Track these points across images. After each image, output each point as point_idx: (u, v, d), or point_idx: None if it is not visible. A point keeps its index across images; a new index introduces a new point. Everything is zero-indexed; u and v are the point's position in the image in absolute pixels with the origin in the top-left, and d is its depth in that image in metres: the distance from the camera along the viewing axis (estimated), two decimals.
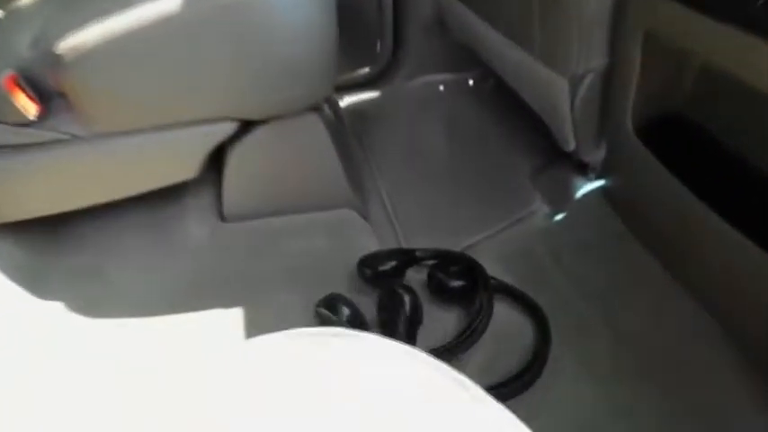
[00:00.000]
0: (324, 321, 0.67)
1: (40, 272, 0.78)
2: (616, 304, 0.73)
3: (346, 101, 1.33)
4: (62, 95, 0.67)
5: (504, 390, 0.63)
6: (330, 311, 0.66)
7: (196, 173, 0.79)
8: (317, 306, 0.68)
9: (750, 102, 0.61)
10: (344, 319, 0.66)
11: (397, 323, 0.65)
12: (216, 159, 0.85)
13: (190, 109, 0.73)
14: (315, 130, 0.82)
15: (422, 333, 0.68)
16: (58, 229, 0.82)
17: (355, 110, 1.31)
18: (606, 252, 0.82)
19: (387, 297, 0.68)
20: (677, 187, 0.69)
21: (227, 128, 0.76)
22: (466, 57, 1.31)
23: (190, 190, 0.88)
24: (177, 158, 0.78)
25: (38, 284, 0.76)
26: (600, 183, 0.93)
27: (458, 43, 1.25)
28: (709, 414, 0.59)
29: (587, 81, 0.80)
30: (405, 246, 0.89)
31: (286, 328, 0.73)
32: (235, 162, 0.82)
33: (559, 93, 0.83)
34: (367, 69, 1.37)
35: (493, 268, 0.79)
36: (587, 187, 0.94)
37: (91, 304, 0.76)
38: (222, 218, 0.87)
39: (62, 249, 0.82)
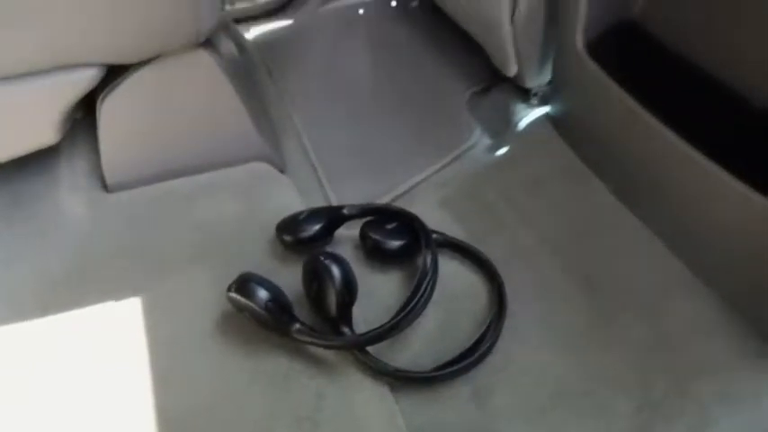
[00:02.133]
0: (238, 308, 0.55)
1: None
2: (580, 251, 0.65)
3: (253, 32, 1.15)
4: None
5: (458, 365, 0.54)
6: (244, 295, 0.54)
7: (56, 137, 0.62)
8: (229, 290, 0.55)
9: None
10: (262, 303, 0.54)
11: (327, 302, 0.54)
12: (91, 116, 0.68)
13: (35, 53, 0.54)
14: (206, 70, 0.66)
15: (359, 307, 0.57)
16: None
17: (265, 42, 1.13)
18: (560, 189, 0.73)
19: (311, 269, 0.57)
20: (638, 111, 0.60)
21: (90, 75, 0.58)
22: None
23: (61, 159, 0.71)
24: (27, 120, 0.60)
25: None
26: (545, 109, 0.84)
27: None
28: (688, 372, 0.53)
29: None
30: (332, 199, 0.77)
31: (194, 315, 0.61)
32: (109, 118, 0.65)
33: (497, 7, 0.71)
34: None
35: (433, 216, 0.68)
36: (532, 114, 0.84)
37: None
38: (105, 188, 0.70)
39: None
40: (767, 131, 0.54)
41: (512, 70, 0.79)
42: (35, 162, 0.70)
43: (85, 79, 0.59)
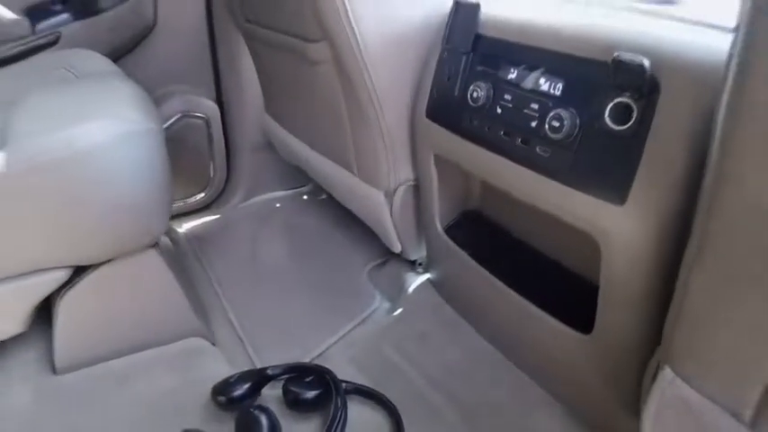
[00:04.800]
0: None
1: None
2: (460, 388, 0.82)
3: (184, 227, 1.35)
4: None
5: None
6: None
7: (22, 328, 0.74)
8: None
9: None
10: None
11: None
12: (42, 307, 0.80)
13: (16, 261, 0.70)
14: (154, 266, 0.83)
15: None
16: None
17: (194, 234, 1.32)
18: (443, 338, 0.92)
19: (243, 421, 0.69)
20: (484, 274, 0.83)
21: (59, 275, 0.74)
22: (297, 174, 1.42)
23: (8, 345, 0.81)
24: (2, 314, 0.73)
25: None
26: (427, 275, 1.06)
27: (288, 163, 1.36)
28: None
29: (400, 193, 0.93)
30: (258, 364, 0.90)
31: None
32: (67, 310, 0.78)
33: (378, 204, 0.96)
34: (202, 194, 1.41)
35: (345, 371, 0.84)
36: (418, 281, 1.06)
37: None
38: (54, 370, 0.81)
39: None
40: (571, 283, 0.77)
41: (397, 248, 1.02)
42: None
43: (55, 279, 0.74)
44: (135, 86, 0.93)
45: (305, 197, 1.46)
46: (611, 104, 0.52)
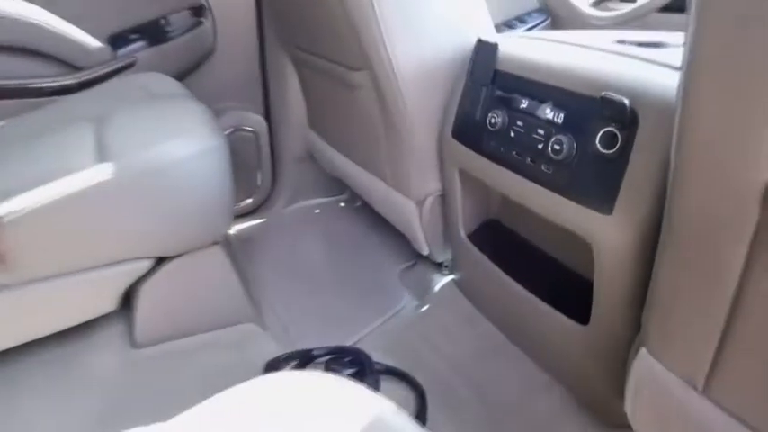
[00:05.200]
0: None
1: None
2: (477, 373, 0.94)
3: (234, 229, 1.50)
4: None
5: None
6: None
7: (114, 307, 0.90)
8: None
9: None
10: None
11: None
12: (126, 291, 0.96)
13: (112, 252, 0.86)
14: (218, 261, 0.98)
15: None
16: None
17: (243, 235, 1.48)
18: (463, 331, 1.04)
19: None
20: (501, 275, 0.95)
21: (144, 264, 0.89)
22: (335, 183, 1.56)
23: (98, 321, 0.97)
24: (97, 296, 0.89)
25: None
26: (452, 276, 1.18)
27: (327, 173, 1.51)
28: None
29: (428, 202, 1.06)
30: (301, 347, 1.04)
31: None
32: (146, 294, 0.93)
33: (409, 212, 1.09)
34: (250, 200, 1.56)
35: (376, 356, 0.97)
36: (443, 281, 1.18)
37: None
38: (134, 345, 0.96)
39: None
40: (572, 281, 0.88)
41: (425, 251, 1.14)
42: (77, 326, 0.95)
43: (140, 268, 0.89)
44: (201, 106, 1.09)
45: (342, 204, 1.60)
46: (600, 132, 0.64)
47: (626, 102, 0.60)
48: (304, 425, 0.46)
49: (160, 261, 0.93)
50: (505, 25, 1.91)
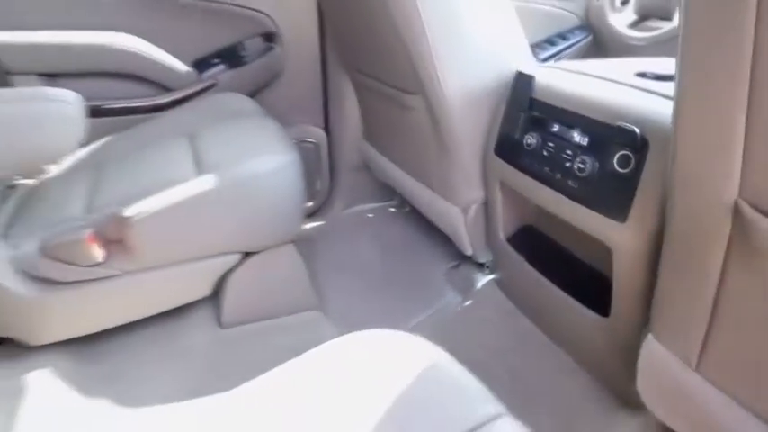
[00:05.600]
0: None
1: (77, 376, 1.01)
2: (512, 359, 1.08)
3: None
4: (119, 243, 0.96)
5: None
6: None
7: (208, 293, 1.09)
8: None
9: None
10: None
11: None
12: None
13: (209, 247, 1.04)
14: (291, 257, 1.16)
15: None
16: (91, 342, 1.06)
17: (304, 235, 1.65)
18: (501, 323, 1.18)
19: None
20: (536, 274, 1.08)
21: (233, 258, 1.08)
22: (387, 190, 1.72)
23: (194, 304, 1.16)
24: (196, 283, 1.07)
25: (75, 387, 0.98)
26: (492, 276, 1.32)
27: (379, 181, 1.67)
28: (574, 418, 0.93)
29: (472, 209, 1.20)
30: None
31: None
32: (233, 283, 1.12)
33: (455, 217, 1.23)
34: (310, 204, 1.74)
35: None
36: (484, 279, 1.32)
37: (115, 404, 0.99)
38: (221, 325, 1.14)
39: (94, 358, 1.05)
40: (596, 279, 1.00)
41: (468, 252, 1.29)
42: (174, 309, 1.14)
43: (231, 260, 1.08)
44: (275, 123, 1.27)
45: (392, 209, 1.76)
46: (617, 155, 0.78)
47: (637, 131, 0.73)
48: (380, 371, 0.61)
49: (246, 256, 1.11)
50: (547, 42, 2.03)
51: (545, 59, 1.99)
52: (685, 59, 0.55)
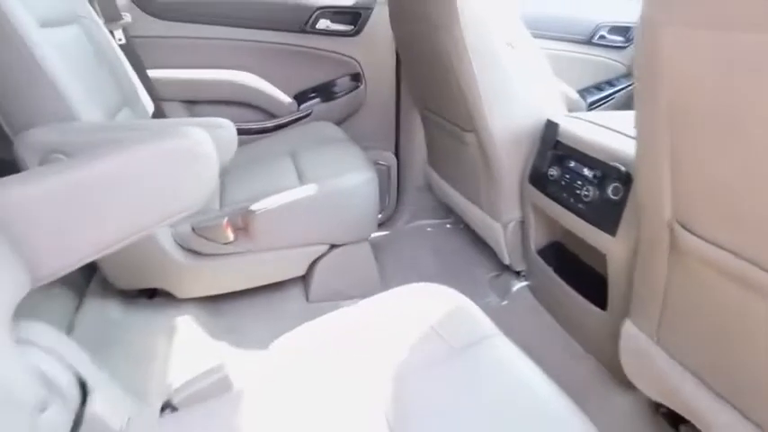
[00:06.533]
0: None
1: (206, 325, 1.37)
2: (535, 346, 1.34)
3: None
4: (244, 229, 1.33)
5: None
6: None
7: (302, 273, 1.44)
8: None
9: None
10: None
11: None
12: None
13: (306, 238, 1.40)
14: (366, 252, 1.50)
15: None
16: (217, 301, 1.43)
17: (374, 241, 1.98)
18: (530, 320, 1.46)
19: None
20: (559, 282, 1.35)
21: (323, 248, 1.43)
22: (444, 209, 2.03)
23: (290, 281, 1.51)
24: (294, 264, 1.43)
25: (205, 332, 1.35)
26: (526, 282, 1.60)
27: (438, 200, 1.98)
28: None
29: (511, 226, 1.49)
30: None
31: None
32: (321, 268, 1.46)
33: (497, 232, 1.53)
34: (379, 216, 2.08)
35: None
36: (519, 284, 1.60)
37: (231, 347, 1.34)
38: (308, 300, 1.49)
39: (218, 313, 1.42)
40: (600, 281, 1.26)
41: (506, 260, 1.57)
42: (275, 285, 1.49)
43: (320, 249, 1.42)
44: (357, 147, 1.63)
45: (448, 225, 2.07)
46: (611, 186, 1.06)
47: (623, 168, 1.02)
48: (422, 320, 0.92)
49: (331, 248, 1.45)
50: (596, 88, 2.30)
51: (592, 103, 2.26)
52: (637, 121, 0.83)
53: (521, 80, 1.35)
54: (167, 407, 0.76)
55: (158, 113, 1.67)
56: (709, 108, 0.66)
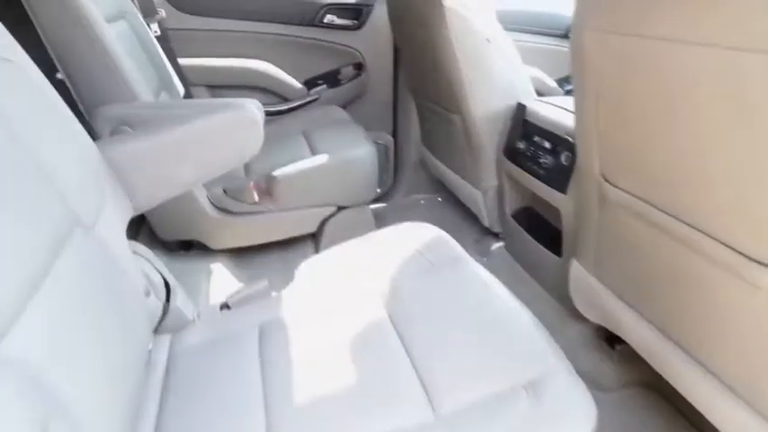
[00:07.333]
0: None
1: (233, 273, 1.65)
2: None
3: None
4: (267, 192, 1.60)
5: None
6: None
7: (314, 230, 1.72)
8: None
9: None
10: None
11: None
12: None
13: (318, 199, 1.68)
14: (367, 214, 1.77)
15: None
16: (243, 253, 1.71)
17: (374, 213, 2.26)
18: (507, 274, 1.74)
19: None
20: (529, 239, 1.63)
21: (332, 209, 1.71)
22: (436, 184, 2.31)
23: (301, 237, 1.79)
24: (307, 222, 1.71)
25: (234, 278, 1.63)
26: (502, 243, 1.88)
27: (431, 175, 2.25)
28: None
29: (490, 192, 1.77)
30: None
31: None
32: (330, 226, 1.74)
33: (478, 198, 1.80)
34: (378, 190, 2.35)
35: None
36: (497, 244, 1.88)
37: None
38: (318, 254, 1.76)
39: (243, 264, 1.70)
40: (558, 233, 1.54)
41: (486, 223, 1.85)
42: (292, 241, 1.77)
43: (330, 210, 1.70)
44: (359, 127, 1.90)
45: (439, 198, 2.35)
46: (563, 154, 1.33)
47: (571, 139, 1.29)
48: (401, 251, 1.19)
49: (339, 209, 1.73)
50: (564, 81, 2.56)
51: (568, 90, 2.53)
52: (576, 103, 1.10)
53: (497, 70, 1.62)
54: (224, 306, 1.04)
55: (188, 96, 1.94)
56: (617, 95, 0.93)
